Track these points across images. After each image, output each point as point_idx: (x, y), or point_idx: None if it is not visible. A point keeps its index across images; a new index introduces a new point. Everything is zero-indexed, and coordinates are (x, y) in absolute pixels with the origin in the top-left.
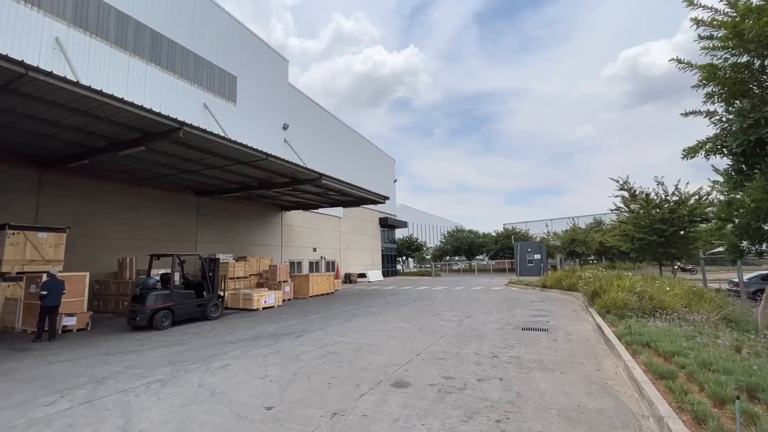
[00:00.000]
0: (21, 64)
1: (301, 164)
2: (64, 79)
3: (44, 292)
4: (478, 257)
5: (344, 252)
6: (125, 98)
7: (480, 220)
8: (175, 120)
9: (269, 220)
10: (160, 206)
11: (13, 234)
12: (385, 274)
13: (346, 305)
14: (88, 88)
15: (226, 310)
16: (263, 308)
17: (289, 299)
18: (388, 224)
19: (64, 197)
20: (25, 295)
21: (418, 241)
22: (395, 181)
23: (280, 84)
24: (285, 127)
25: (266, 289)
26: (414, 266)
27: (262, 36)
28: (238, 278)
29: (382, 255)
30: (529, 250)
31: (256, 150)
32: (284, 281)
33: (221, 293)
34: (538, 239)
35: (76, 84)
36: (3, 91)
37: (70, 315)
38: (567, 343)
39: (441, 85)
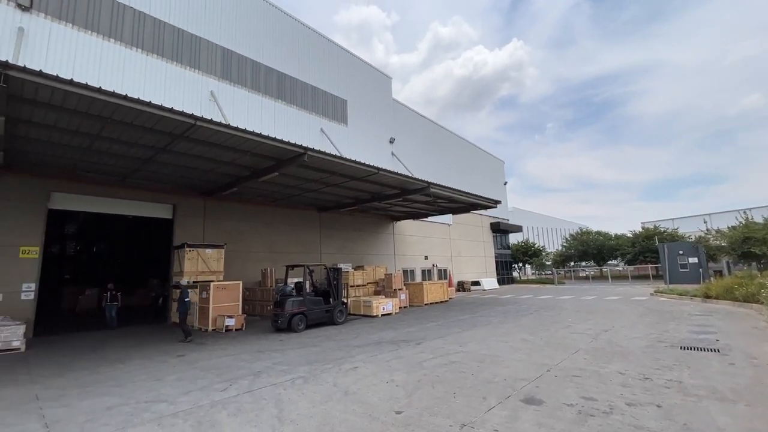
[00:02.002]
0: (192, 116)
1: (409, 175)
2: (220, 124)
3: (188, 299)
4: (610, 262)
5: (455, 259)
6: (262, 133)
7: (609, 219)
8: (300, 146)
9: (382, 231)
10: (291, 222)
11: (190, 251)
12: (501, 281)
13: (463, 314)
14: (236, 128)
15: (349, 316)
16: (382, 315)
17: (404, 307)
18: (500, 229)
19: (221, 220)
20: (199, 300)
21: (536, 245)
22: (505, 183)
23: (384, 101)
24: (391, 141)
25: (383, 296)
26: (532, 273)
27: (366, 59)
28: (357, 286)
29: (496, 262)
30: (681, 252)
31: (368, 165)
32: (399, 289)
33: (345, 300)
34: (692, 239)
35: (229, 126)
36: (179, 139)
37: (230, 317)
38: (751, 369)
39: (550, 75)
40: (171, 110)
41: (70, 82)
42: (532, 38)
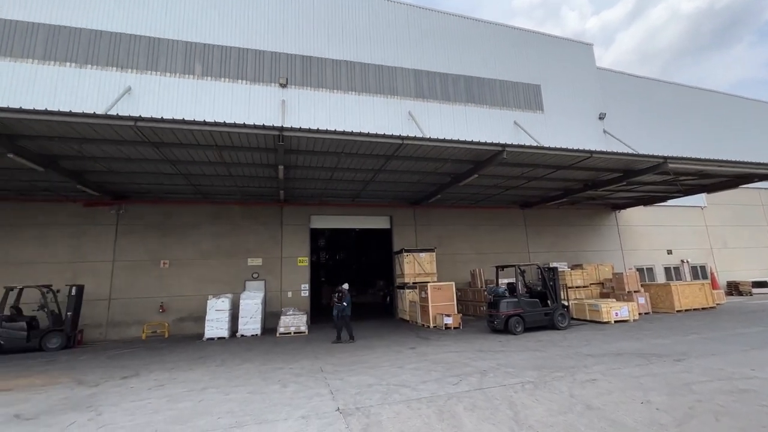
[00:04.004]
0: (399, 137)
1: (633, 152)
2: (422, 138)
3: (345, 304)
4: None
5: (718, 253)
6: (459, 138)
7: None
8: (497, 144)
9: (601, 223)
10: (493, 223)
11: (407, 255)
12: None
13: (746, 326)
14: (435, 140)
15: (572, 321)
16: (615, 321)
17: (646, 313)
18: None
19: (429, 225)
20: (419, 299)
21: None
22: None
23: (587, 73)
24: (601, 117)
25: (614, 300)
26: None
27: (556, 33)
28: (576, 287)
29: None
30: None
31: (577, 150)
32: (636, 291)
33: (565, 303)
34: None
35: (429, 139)
36: (391, 159)
37: (448, 315)
38: None
39: None
40: (383, 135)
41: (317, 131)
42: None
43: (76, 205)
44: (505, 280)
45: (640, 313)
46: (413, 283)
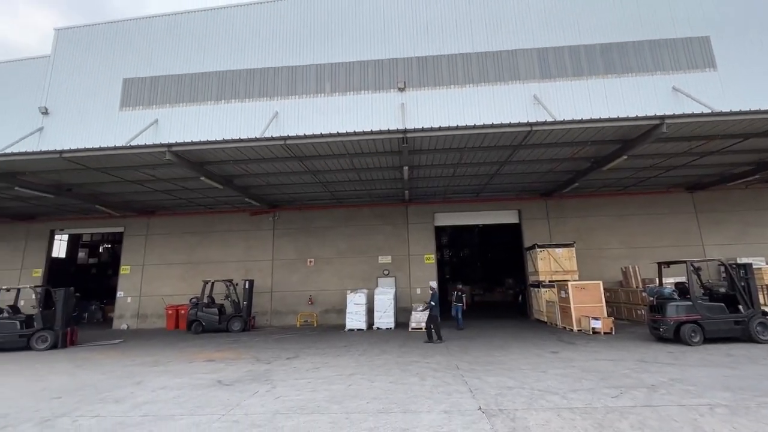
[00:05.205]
0: (527, 123)
1: None
2: (554, 122)
3: (433, 303)
4: None
5: None
6: (600, 117)
7: None
8: (653, 117)
9: None
10: (649, 211)
11: (541, 251)
12: None
13: None
14: (571, 121)
15: None
16: None
17: None
18: None
19: (565, 218)
20: (558, 299)
21: None
22: None
23: None
24: None
25: None
26: None
27: None
28: None
29: None
30: None
31: None
32: None
33: (766, 309)
34: None
35: (563, 122)
36: (519, 148)
37: (596, 318)
38: None
39: None
40: (509, 124)
41: (439, 128)
42: None
43: (245, 214)
44: (670, 280)
45: None
46: (550, 281)
